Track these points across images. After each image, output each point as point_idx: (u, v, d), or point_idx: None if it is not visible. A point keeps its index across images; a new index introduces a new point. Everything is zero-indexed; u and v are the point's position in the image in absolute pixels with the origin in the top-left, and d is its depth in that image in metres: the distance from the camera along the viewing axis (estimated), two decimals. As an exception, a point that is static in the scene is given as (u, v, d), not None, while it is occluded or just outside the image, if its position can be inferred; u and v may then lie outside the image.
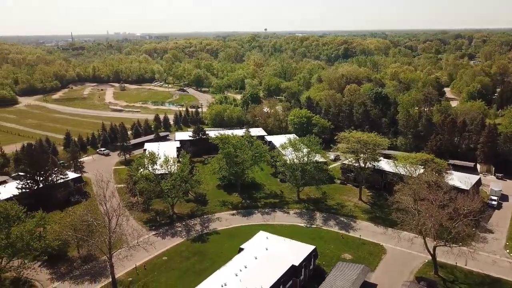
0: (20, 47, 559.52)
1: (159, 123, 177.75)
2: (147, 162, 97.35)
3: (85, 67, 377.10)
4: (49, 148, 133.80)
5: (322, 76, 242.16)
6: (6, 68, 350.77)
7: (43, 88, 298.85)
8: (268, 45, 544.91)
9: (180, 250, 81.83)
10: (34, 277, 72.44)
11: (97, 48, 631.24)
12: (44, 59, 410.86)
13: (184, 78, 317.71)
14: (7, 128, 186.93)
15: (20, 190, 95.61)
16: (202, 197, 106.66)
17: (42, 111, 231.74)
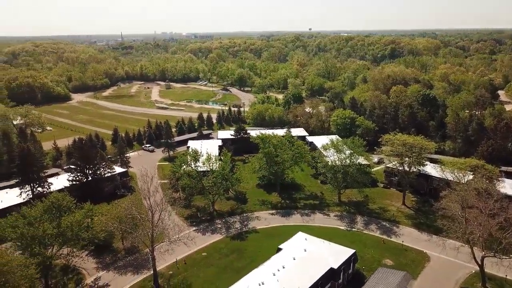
0: (74, 46, 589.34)
1: (202, 121, 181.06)
2: (190, 159, 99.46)
3: (133, 66, 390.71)
4: (98, 143, 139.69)
5: (367, 76, 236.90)
6: (61, 66, 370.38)
7: (94, 86, 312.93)
8: (312, 45, 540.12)
9: (220, 247, 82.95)
10: (81, 265, 76.17)
11: (145, 48, 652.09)
12: (95, 58, 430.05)
13: (228, 78, 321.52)
14: (61, 123, 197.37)
15: (70, 182, 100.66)
16: (242, 195, 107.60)
17: (93, 108, 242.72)
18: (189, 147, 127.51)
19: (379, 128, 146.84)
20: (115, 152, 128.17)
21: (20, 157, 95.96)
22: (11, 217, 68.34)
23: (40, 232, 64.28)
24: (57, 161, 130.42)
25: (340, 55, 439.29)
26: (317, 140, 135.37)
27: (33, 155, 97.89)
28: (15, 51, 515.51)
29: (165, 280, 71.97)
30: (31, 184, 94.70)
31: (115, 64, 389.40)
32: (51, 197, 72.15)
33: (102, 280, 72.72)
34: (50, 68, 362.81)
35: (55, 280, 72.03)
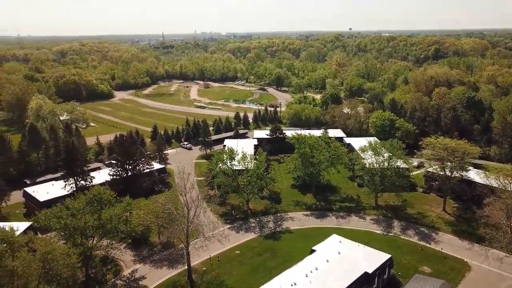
0: (117, 45, 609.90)
1: (239, 120, 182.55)
2: (225, 158, 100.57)
3: (173, 65, 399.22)
4: (138, 139, 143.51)
5: (408, 77, 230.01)
6: (105, 65, 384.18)
7: (135, 84, 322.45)
8: (352, 45, 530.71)
9: (253, 245, 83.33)
10: (120, 257, 78.80)
11: (185, 47, 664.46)
12: (137, 57, 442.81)
13: (265, 77, 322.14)
14: (104, 120, 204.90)
15: (111, 176, 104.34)
16: (276, 195, 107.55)
17: (134, 105, 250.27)
18: (225, 146, 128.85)
19: (420, 131, 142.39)
20: (154, 149, 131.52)
21: (66, 151, 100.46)
22: (55, 208, 71.73)
23: (82, 224, 67.06)
24: (99, 156, 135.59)
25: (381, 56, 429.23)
26: (354, 142, 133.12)
27: (77, 150, 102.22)
28: (63, 50, 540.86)
29: (198, 276, 73.16)
30: (75, 177, 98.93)
31: (156, 63, 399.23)
32: (93, 190, 75.06)
33: (139, 273, 74.90)
34: (95, 67, 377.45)
35: (95, 270, 74.97)
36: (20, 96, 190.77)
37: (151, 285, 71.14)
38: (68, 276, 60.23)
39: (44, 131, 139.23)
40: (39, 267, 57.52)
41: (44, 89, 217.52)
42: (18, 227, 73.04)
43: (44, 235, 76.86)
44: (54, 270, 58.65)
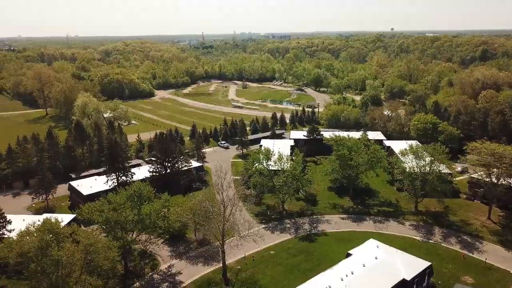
0: (159, 45, 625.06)
1: (275, 121, 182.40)
2: (262, 158, 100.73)
3: (213, 65, 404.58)
4: (177, 137, 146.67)
5: (453, 79, 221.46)
6: (147, 64, 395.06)
7: (175, 83, 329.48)
8: (394, 45, 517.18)
9: (288, 246, 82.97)
10: (157, 252, 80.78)
11: (224, 47, 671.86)
12: (178, 57, 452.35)
13: (303, 78, 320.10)
14: (144, 118, 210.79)
15: (151, 173, 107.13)
16: (313, 197, 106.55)
17: (173, 104, 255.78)
18: (261, 146, 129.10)
19: (465, 135, 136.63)
20: (193, 147, 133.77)
21: (108, 147, 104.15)
22: (98, 202, 74.49)
23: (122, 218, 69.25)
24: (139, 153, 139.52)
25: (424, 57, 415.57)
26: (395, 145, 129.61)
27: (119, 147, 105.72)
28: (108, 49, 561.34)
29: (233, 274, 73.68)
30: (117, 173, 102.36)
31: (195, 63, 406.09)
32: (134, 186, 77.37)
33: (175, 268, 76.41)
34: (137, 66, 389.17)
35: (133, 264, 77.20)
36: (68, 94, 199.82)
37: (187, 280, 72.37)
38: (108, 268, 62.44)
39: (89, 127, 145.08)
40: (82, 258, 59.94)
41: (89, 87, 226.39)
42: (63, 219, 76.40)
43: (87, 227, 79.99)
44: (96, 262, 60.97)
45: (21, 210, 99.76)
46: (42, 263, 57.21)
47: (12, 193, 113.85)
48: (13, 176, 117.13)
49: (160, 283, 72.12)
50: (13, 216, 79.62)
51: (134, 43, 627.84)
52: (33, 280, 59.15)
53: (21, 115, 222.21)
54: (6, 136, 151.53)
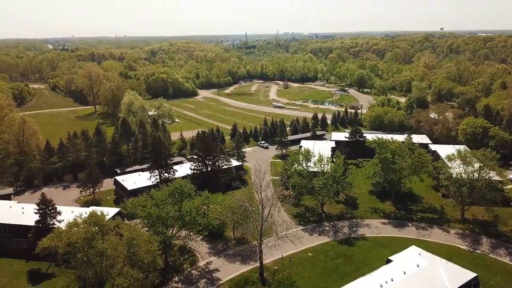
0: (203, 45, 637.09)
1: (316, 121, 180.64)
2: (301, 159, 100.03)
3: (255, 65, 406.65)
4: (218, 136, 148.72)
5: (507, 82, 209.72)
6: (191, 64, 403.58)
7: (218, 83, 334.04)
8: (443, 46, 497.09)
9: (326, 249, 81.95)
10: (196, 248, 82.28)
11: (267, 47, 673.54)
12: (221, 57, 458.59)
13: (346, 78, 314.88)
14: (187, 116, 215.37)
15: (192, 170, 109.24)
16: (353, 200, 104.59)
17: (215, 103, 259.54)
18: (301, 147, 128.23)
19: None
20: (233, 146, 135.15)
21: (152, 144, 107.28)
22: (141, 197, 76.93)
23: (164, 214, 71.13)
24: (182, 151, 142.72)
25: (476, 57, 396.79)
26: (441, 149, 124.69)
27: (162, 144, 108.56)
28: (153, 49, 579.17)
29: (270, 274, 73.74)
30: (160, 169, 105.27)
31: (238, 63, 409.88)
32: (175, 183, 79.28)
33: (213, 265, 77.51)
34: (181, 66, 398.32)
35: (173, 259, 79.08)
36: (115, 92, 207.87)
37: (224, 278, 73.20)
38: (149, 262, 64.42)
39: (134, 125, 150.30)
40: (125, 251, 62.21)
41: (135, 86, 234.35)
42: (108, 212, 79.47)
43: (130, 221, 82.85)
44: (137, 255, 63.08)
45: (70, 202, 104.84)
46: (88, 253, 59.96)
47: (62, 186, 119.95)
48: (64, 170, 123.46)
49: (198, 279, 73.42)
50: (63, 208, 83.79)
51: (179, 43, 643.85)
52: (79, 269, 62.10)
53: (72, 112, 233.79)
54: (58, 131, 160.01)
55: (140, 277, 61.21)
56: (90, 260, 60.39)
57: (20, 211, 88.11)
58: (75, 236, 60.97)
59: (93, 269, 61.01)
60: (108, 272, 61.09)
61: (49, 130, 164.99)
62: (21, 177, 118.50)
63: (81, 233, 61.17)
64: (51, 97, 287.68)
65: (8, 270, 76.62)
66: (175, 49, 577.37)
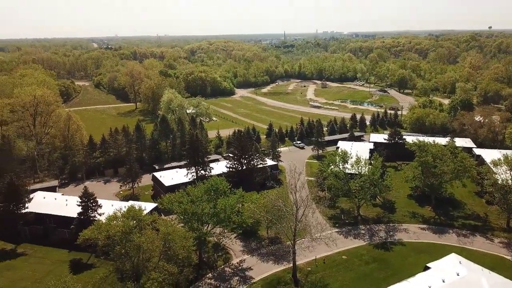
0: (241, 44, 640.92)
1: (355, 122, 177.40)
2: (338, 160, 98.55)
3: (292, 64, 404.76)
4: (254, 135, 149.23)
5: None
6: (229, 63, 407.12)
7: (255, 82, 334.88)
8: (491, 45, 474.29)
9: (361, 253, 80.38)
10: (230, 246, 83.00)
11: (305, 46, 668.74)
12: (259, 56, 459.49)
13: (387, 79, 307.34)
14: (224, 115, 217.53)
15: (228, 168, 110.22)
16: (391, 204, 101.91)
17: (252, 103, 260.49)
18: (338, 148, 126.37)
19: None
20: (268, 146, 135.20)
21: (190, 142, 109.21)
22: (178, 193, 78.46)
23: (199, 210, 72.22)
24: (218, 149, 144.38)
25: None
26: (486, 154, 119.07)
27: (200, 142, 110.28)
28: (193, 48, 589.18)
29: (303, 275, 73.22)
30: (196, 166, 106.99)
31: (275, 62, 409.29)
32: (211, 180, 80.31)
33: (246, 263, 77.88)
34: (219, 65, 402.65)
35: (207, 255, 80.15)
36: (155, 90, 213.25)
37: (257, 277, 73.37)
38: (184, 257, 65.65)
39: (173, 122, 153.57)
40: (161, 245, 63.74)
41: (175, 84, 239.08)
42: (146, 207, 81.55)
43: (166, 216, 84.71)
44: (173, 250, 64.43)
45: (110, 196, 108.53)
46: (126, 246, 61.87)
47: (103, 180, 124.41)
48: (105, 164, 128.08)
49: (231, 276, 74.01)
50: (103, 201, 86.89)
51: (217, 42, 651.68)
52: (117, 261, 64.28)
53: (114, 108, 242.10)
54: (100, 127, 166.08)
55: (175, 271, 62.53)
56: (127, 253, 62.28)
57: (64, 202, 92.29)
58: (114, 229, 63.10)
59: (130, 261, 62.89)
60: (145, 265, 62.81)
61: (92, 126, 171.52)
62: (66, 170, 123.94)
63: (119, 226, 63.24)
64: (95, 94, 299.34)
65: (52, 258, 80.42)
66: (214, 48, 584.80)
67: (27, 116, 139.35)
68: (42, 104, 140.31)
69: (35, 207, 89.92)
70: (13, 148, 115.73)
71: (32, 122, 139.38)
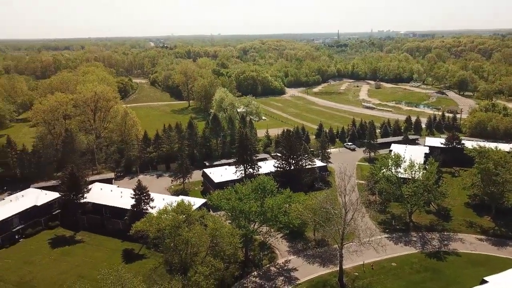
0: (293, 43, 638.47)
1: (409, 125, 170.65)
2: (391, 163, 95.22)
3: (345, 64, 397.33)
4: (303, 135, 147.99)
5: None
6: (280, 62, 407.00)
7: (306, 82, 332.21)
8: None
9: (412, 261, 77.21)
10: (276, 245, 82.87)
11: (359, 46, 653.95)
12: (311, 55, 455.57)
13: (445, 80, 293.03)
14: (274, 114, 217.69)
15: (275, 168, 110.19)
16: (446, 211, 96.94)
17: (302, 102, 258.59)
18: (391, 151, 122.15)
19: None
20: (318, 146, 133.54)
21: (239, 140, 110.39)
22: (226, 190, 79.60)
23: (247, 208, 72.76)
24: (266, 148, 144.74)
25: None
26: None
27: (249, 140, 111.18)
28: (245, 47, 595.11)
29: (349, 280, 71.59)
30: (245, 164, 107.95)
31: (328, 62, 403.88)
32: (259, 179, 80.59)
33: (292, 264, 77.44)
34: (271, 64, 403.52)
35: (253, 253, 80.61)
36: (208, 88, 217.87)
37: (302, 278, 72.72)
38: (231, 254, 66.55)
39: (224, 120, 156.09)
40: (208, 241, 65.01)
41: (226, 83, 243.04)
42: (195, 202, 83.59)
43: (214, 213, 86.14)
44: (220, 246, 65.51)
45: (162, 190, 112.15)
46: (175, 240, 63.63)
47: (156, 174, 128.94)
48: (158, 159, 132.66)
49: (276, 275, 73.92)
50: (155, 195, 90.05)
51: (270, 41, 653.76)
52: (167, 253, 66.32)
53: (168, 106, 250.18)
54: (155, 123, 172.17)
55: (221, 267, 63.53)
56: (176, 246, 64.03)
57: (119, 194, 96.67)
58: (164, 222, 65.12)
59: (178, 255, 64.61)
60: (192, 259, 64.29)
61: (147, 122, 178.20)
62: (122, 163, 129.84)
63: (169, 220, 65.14)
64: (151, 91, 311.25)
65: (107, 246, 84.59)
66: (266, 47, 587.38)
67: (88, 111, 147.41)
68: (102, 100, 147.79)
69: (92, 198, 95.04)
70: (75, 141, 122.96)
71: (92, 117, 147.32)
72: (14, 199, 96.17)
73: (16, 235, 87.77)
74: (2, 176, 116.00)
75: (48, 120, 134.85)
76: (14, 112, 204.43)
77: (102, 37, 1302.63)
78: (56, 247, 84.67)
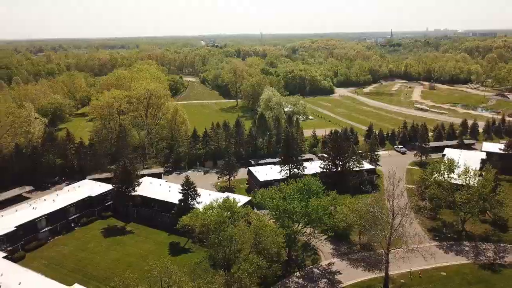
0: (344, 43, 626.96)
1: (465, 129, 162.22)
2: (443, 169, 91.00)
3: (398, 64, 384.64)
4: (352, 137, 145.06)
5: None
6: (330, 61, 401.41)
7: (356, 81, 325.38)
8: None
9: (463, 271, 73.53)
10: (319, 247, 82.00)
11: (413, 45, 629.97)
12: (362, 54, 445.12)
13: (507, 82, 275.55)
14: (322, 114, 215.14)
15: (322, 169, 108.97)
16: (503, 221, 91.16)
17: (352, 102, 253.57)
18: (444, 155, 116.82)
19: None
20: (367, 149, 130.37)
21: (285, 140, 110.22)
22: (271, 189, 79.76)
23: (291, 208, 72.53)
24: (313, 148, 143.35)
25: None
26: None
27: (295, 140, 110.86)
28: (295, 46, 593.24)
29: (395, 287, 69.42)
30: (290, 164, 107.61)
31: (379, 61, 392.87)
32: (304, 180, 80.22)
33: (335, 267, 76.31)
34: (320, 63, 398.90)
35: (296, 253, 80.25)
36: (256, 87, 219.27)
37: (346, 282, 71.46)
38: (274, 253, 66.85)
39: (270, 120, 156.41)
40: (252, 238, 65.60)
41: (274, 82, 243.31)
42: (240, 200, 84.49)
43: (258, 211, 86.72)
44: (263, 244, 65.93)
45: (208, 186, 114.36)
46: (219, 236, 64.78)
47: (203, 171, 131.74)
48: (206, 156, 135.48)
49: (319, 277, 73.20)
50: (202, 191, 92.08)
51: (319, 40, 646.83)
52: (211, 249, 67.66)
53: (217, 104, 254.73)
54: (204, 121, 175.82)
55: (264, 265, 63.90)
56: (220, 242, 65.17)
57: (167, 189, 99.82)
58: (209, 218, 66.51)
59: (222, 251, 65.74)
60: (236, 256, 65.20)
61: (196, 119, 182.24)
62: (171, 159, 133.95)
63: (214, 216, 66.44)
64: (200, 89, 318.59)
65: (155, 239, 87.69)
66: (316, 46, 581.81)
67: (141, 108, 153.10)
68: (154, 97, 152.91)
69: (142, 191, 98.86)
70: (128, 136, 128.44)
71: (144, 113, 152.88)
72: (71, 189, 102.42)
73: (72, 223, 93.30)
74: (62, 167, 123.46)
75: (104, 115, 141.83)
76: (73, 107, 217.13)
77: (155, 36, 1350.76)
78: (108, 236, 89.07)
